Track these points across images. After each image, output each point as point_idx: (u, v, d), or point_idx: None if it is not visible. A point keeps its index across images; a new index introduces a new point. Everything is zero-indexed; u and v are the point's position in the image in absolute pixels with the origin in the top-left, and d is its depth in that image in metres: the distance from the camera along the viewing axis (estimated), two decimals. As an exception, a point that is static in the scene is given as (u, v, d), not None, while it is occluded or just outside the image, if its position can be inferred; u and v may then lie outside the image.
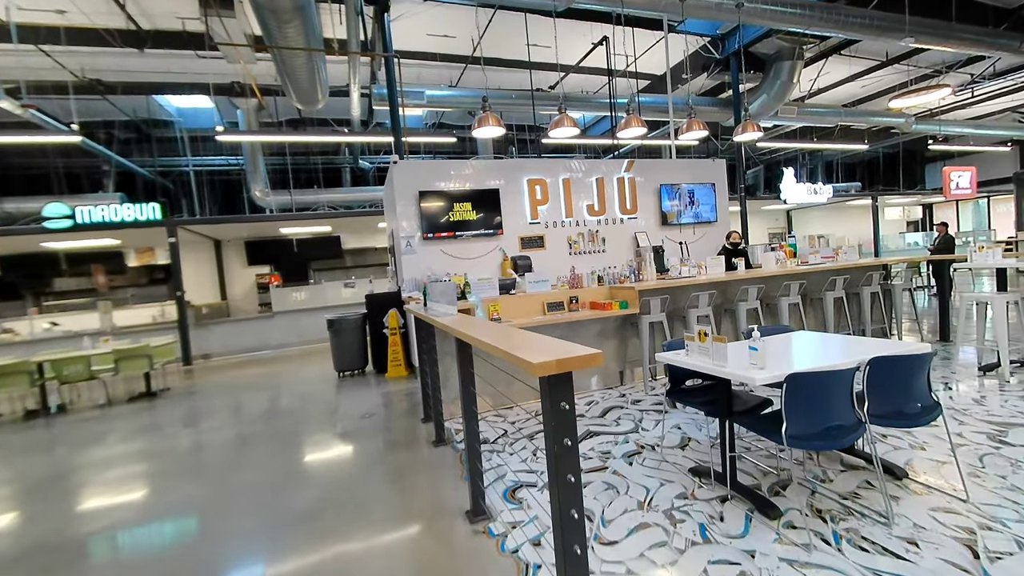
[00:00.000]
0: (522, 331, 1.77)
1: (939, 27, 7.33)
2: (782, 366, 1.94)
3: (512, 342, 1.51)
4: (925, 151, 17.00)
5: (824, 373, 1.78)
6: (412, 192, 5.71)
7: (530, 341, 1.53)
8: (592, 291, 4.12)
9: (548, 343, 1.45)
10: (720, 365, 2.00)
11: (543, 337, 1.55)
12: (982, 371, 3.79)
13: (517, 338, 1.62)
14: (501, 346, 1.42)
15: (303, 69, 6.46)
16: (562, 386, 1.19)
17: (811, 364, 1.93)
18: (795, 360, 2.07)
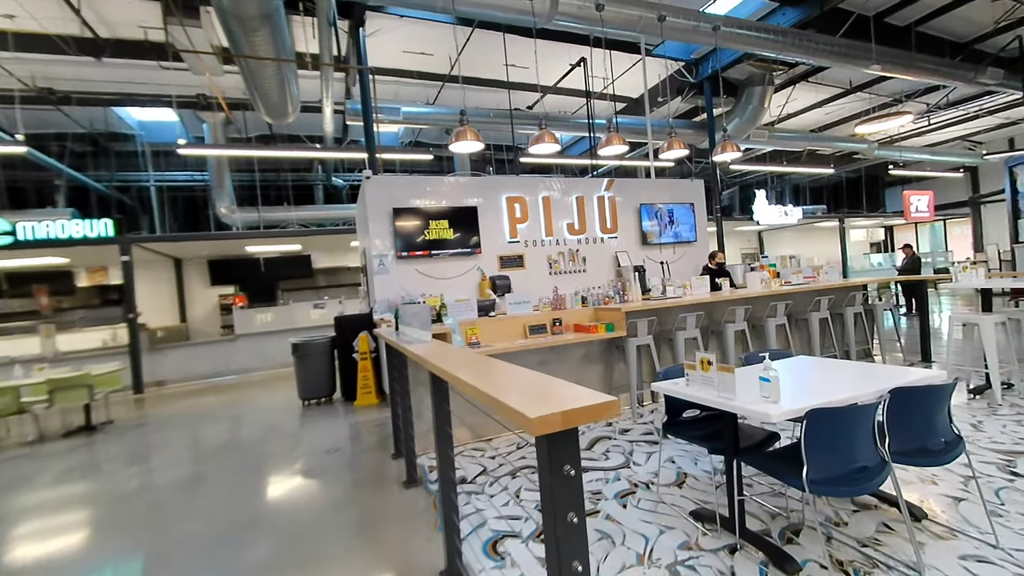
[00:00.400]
0: (508, 366, 1.51)
1: (902, 56, 7.62)
2: (797, 399, 1.74)
3: (499, 382, 1.26)
4: (886, 176, 17.75)
5: (847, 409, 1.59)
6: (385, 209, 5.46)
7: (520, 380, 1.28)
8: (576, 312, 3.91)
9: (544, 384, 1.20)
10: (727, 398, 1.79)
11: (535, 375, 1.30)
12: (972, 394, 3.71)
13: (503, 375, 1.37)
14: (486, 389, 1.16)
15: (272, 81, 6.18)
16: (566, 445, 0.94)
17: (827, 396, 1.74)
18: (809, 391, 1.87)
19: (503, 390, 1.15)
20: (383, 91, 9.65)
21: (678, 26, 5.99)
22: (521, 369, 1.41)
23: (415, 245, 5.52)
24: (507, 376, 1.34)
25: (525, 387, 1.20)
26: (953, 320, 3.75)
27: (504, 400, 1.03)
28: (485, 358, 1.66)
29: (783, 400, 1.70)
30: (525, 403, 0.99)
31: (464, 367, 1.54)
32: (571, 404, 0.93)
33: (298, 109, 7.44)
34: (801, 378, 2.08)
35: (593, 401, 0.94)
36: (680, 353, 3.92)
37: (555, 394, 1.06)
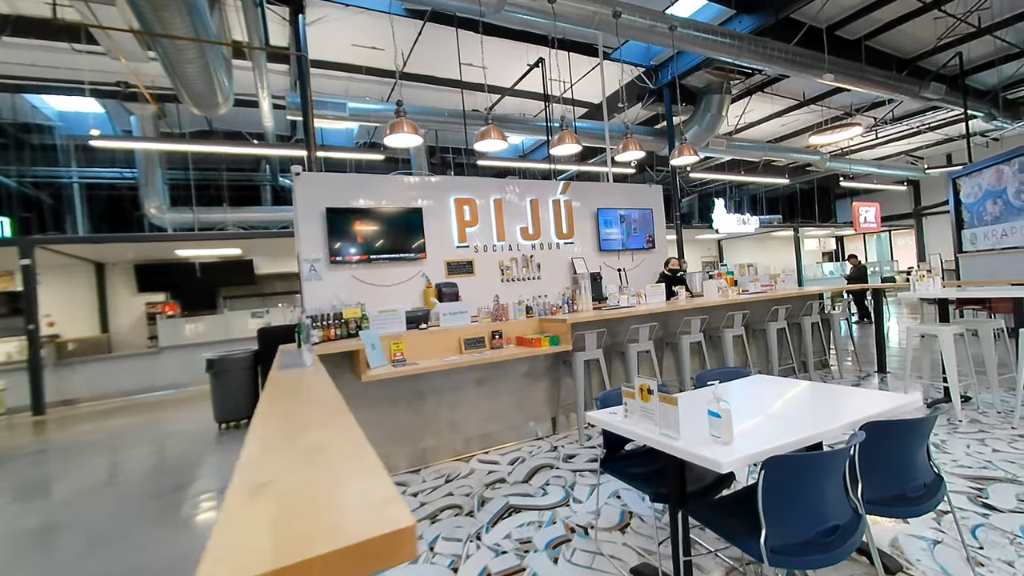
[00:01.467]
0: (331, 421, 1.09)
1: (853, 68, 7.71)
2: (754, 438, 1.40)
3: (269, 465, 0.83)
4: (837, 187, 18.38)
5: (814, 456, 1.25)
6: (318, 210, 4.95)
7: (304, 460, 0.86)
8: (519, 324, 3.53)
9: (331, 480, 0.77)
10: (670, 437, 1.43)
11: (357, 441, 0.88)
12: (930, 408, 3.55)
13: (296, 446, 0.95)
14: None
15: (194, 67, 5.57)
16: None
17: (790, 433, 1.40)
18: (768, 426, 1.54)
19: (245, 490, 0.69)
20: (333, 87, 9.10)
21: (635, 24, 5.78)
22: (350, 428, 0.99)
23: (351, 249, 5.03)
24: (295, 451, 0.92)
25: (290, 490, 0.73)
26: (911, 332, 3.58)
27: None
28: (292, 410, 1.24)
29: (737, 440, 1.35)
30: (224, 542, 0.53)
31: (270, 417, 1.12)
32: (314, 547, 0.48)
33: (231, 101, 6.81)
34: (758, 407, 1.75)
35: (357, 538, 0.49)
36: (633, 368, 3.61)
37: (321, 515, 0.60)
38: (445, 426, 3.23)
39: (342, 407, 1.10)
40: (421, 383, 3.15)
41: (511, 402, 3.46)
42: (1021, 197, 6.46)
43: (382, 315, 3.14)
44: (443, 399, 3.22)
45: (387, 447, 3.04)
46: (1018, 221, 6.52)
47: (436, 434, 3.19)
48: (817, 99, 11.09)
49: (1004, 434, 2.97)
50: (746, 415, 1.64)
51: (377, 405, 3.01)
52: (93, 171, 10.02)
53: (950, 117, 11.71)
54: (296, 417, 1.11)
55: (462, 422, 3.27)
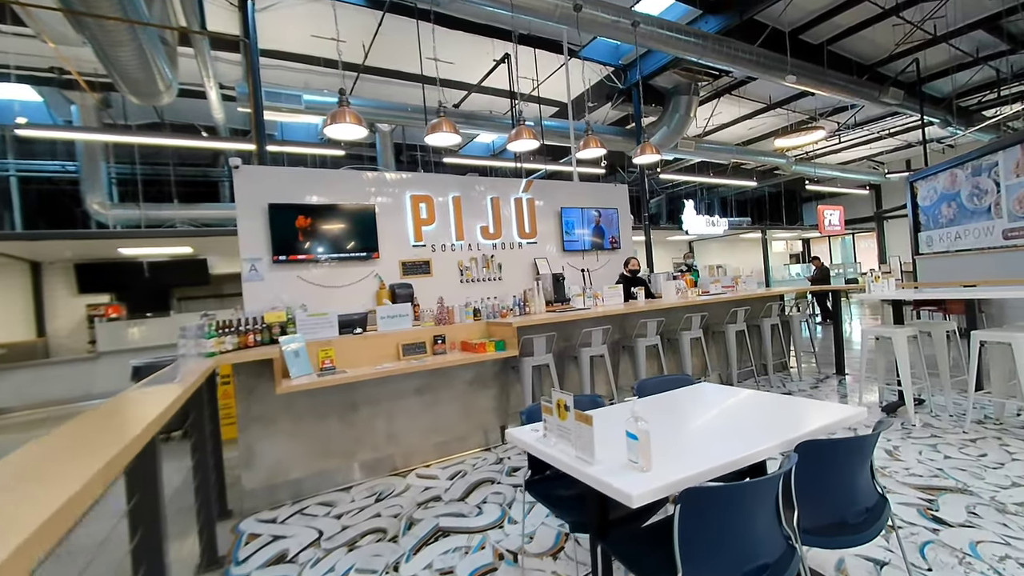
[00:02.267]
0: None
1: (815, 71, 7.78)
2: (676, 461, 1.22)
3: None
4: (803, 191, 18.78)
5: (737, 487, 1.08)
6: (260, 205, 4.64)
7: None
8: (465, 328, 3.32)
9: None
10: (583, 461, 1.24)
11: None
12: (885, 412, 3.49)
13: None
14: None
15: (126, 49, 5.17)
16: None
17: (719, 455, 1.23)
18: (696, 447, 1.36)
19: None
20: (293, 79, 8.73)
21: (597, 19, 5.64)
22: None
23: (297, 248, 4.73)
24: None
25: None
26: (866, 334, 3.52)
27: None
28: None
29: (656, 465, 1.17)
30: None
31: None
32: None
33: (174, 90, 6.40)
34: (692, 424, 1.58)
35: None
36: (586, 373, 3.44)
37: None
38: (382, 439, 3.00)
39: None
40: (355, 393, 2.91)
41: (455, 411, 3.25)
42: (974, 200, 6.60)
43: (311, 319, 2.88)
44: (379, 409, 2.99)
45: (314, 463, 2.79)
46: (971, 224, 6.66)
47: (372, 448, 2.95)
48: (783, 103, 11.24)
49: (956, 439, 2.91)
50: (676, 434, 1.47)
51: (303, 418, 2.76)
52: (30, 163, 9.35)
53: (909, 123, 12.04)
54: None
55: (401, 434, 3.04)
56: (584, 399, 1.91)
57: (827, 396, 4.06)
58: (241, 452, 2.59)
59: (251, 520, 2.50)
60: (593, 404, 1.89)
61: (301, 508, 2.58)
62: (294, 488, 2.73)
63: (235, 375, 2.57)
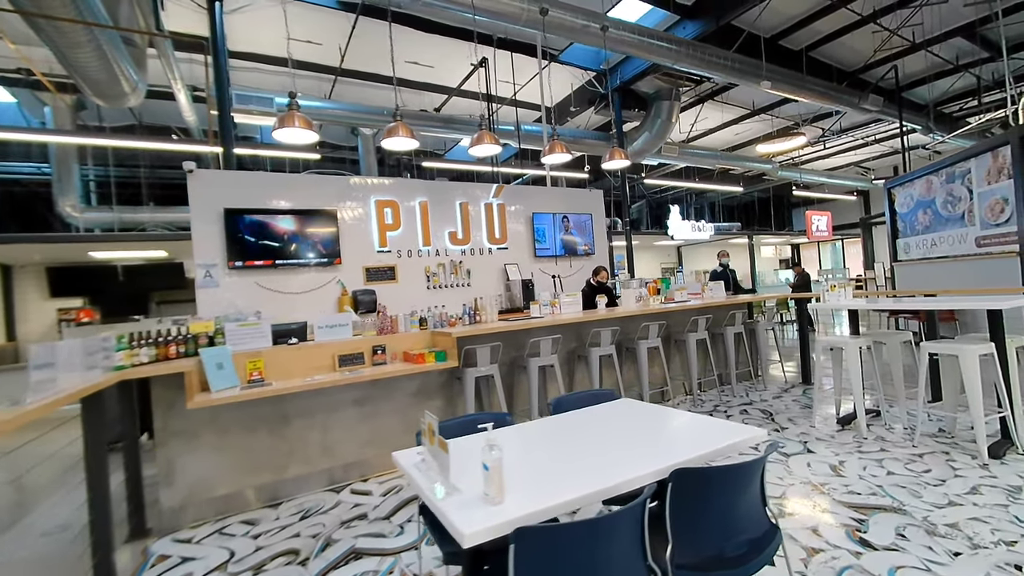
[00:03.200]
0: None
1: (792, 77, 7.75)
2: (536, 492, 1.14)
3: None
4: (792, 196, 18.80)
5: (576, 524, 1.00)
6: (215, 210, 4.57)
7: None
8: (408, 338, 3.24)
9: None
10: (430, 492, 1.16)
11: None
12: (840, 424, 3.42)
13: None
14: None
15: (86, 52, 5.09)
16: None
17: (585, 484, 1.16)
18: (563, 477, 1.29)
19: None
20: (272, 82, 8.66)
21: (565, 23, 5.59)
22: None
23: (254, 253, 4.66)
24: None
25: None
26: (820, 344, 3.46)
27: None
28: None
29: (509, 498, 1.09)
30: None
31: None
32: None
33: (141, 92, 6.31)
34: (576, 448, 1.50)
35: None
36: (534, 385, 3.36)
37: None
38: (316, 452, 2.91)
39: None
40: (287, 405, 2.82)
41: (397, 424, 3.16)
42: (948, 208, 6.56)
43: (242, 329, 2.79)
44: (313, 422, 2.90)
45: (241, 479, 2.69)
46: (945, 231, 6.62)
47: (305, 462, 2.86)
48: (767, 109, 11.23)
49: (903, 454, 2.84)
50: (555, 459, 1.39)
51: (230, 431, 2.67)
52: (4, 166, 9.24)
53: (894, 130, 12.05)
54: None
55: (337, 447, 2.95)
56: (495, 416, 1.83)
57: (787, 407, 3.99)
58: (160, 468, 2.50)
59: (166, 540, 2.40)
60: (503, 422, 1.81)
61: (222, 527, 2.49)
62: (220, 505, 2.64)
63: (153, 388, 2.48)
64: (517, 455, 1.44)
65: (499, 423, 1.82)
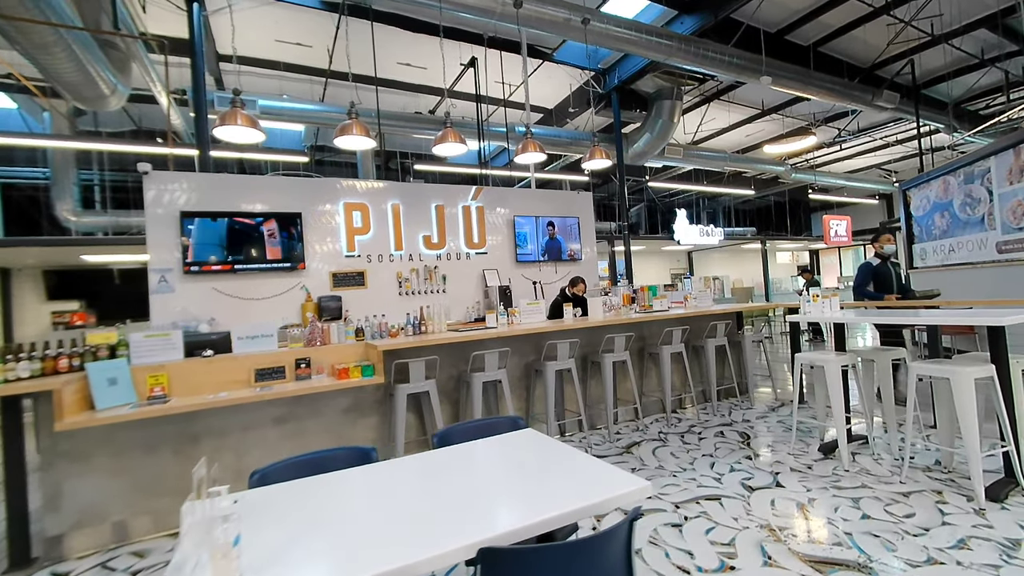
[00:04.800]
0: None
1: (796, 72, 7.32)
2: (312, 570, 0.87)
3: None
4: (808, 200, 18.09)
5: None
6: (171, 213, 4.43)
7: None
8: (340, 350, 2.99)
9: None
10: (176, 568, 0.90)
11: None
12: (822, 452, 3.04)
13: None
14: None
15: (56, 56, 5.04)
16: None
17: (383, 560, 0.88)
18: (341, 551, 1.01)
19: None
20: (267, 86, 8.62)
21: (544, 17, 5.32)
22: None
23: (211, 258, 4.50)
24: None
25: None
26: (799, 361, 3.08)
27: None
28: None
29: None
30: None
31: None
32: None
33: (122, 95, 6.28)
34: (397, 503, 1.22)
35: None
36: (477, 402, 3.07)
37: None
38: (230, 475, 2.68)
39: None
40: (196, 423, 2.60)
41: (328, 443, 2.92)
42: (966, 210, 6.04)
43: (149, 340, 2.59)
44: (226, 442, 2.67)
45: (141, 504, 2.48)
46: (964, 236, 6.09)
47: (214, 484, 2.63)
48: (777, 109, 10.76)
49: (887, 492, 2.46)
50: (361, 522, 1.11)
51: (127, 452, 2.46)
52: (5, 170, 9.42)
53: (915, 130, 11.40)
54: None
55: (252, 468, 2.71)
56: (353, 451, 1.57)
57: (770, 429, 3.61)
58: (45, 493, 2.30)
59: (45, 572, 2.19)
60: (368, 458, 1.55)
61: (108, 558, 2.27)
62: (116, 532, 2.43)
63: (38, 406, 2.29)
64: (331, 508, 1.18)
65: (361, 458, 1.55)
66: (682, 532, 2.16)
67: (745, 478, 2.71)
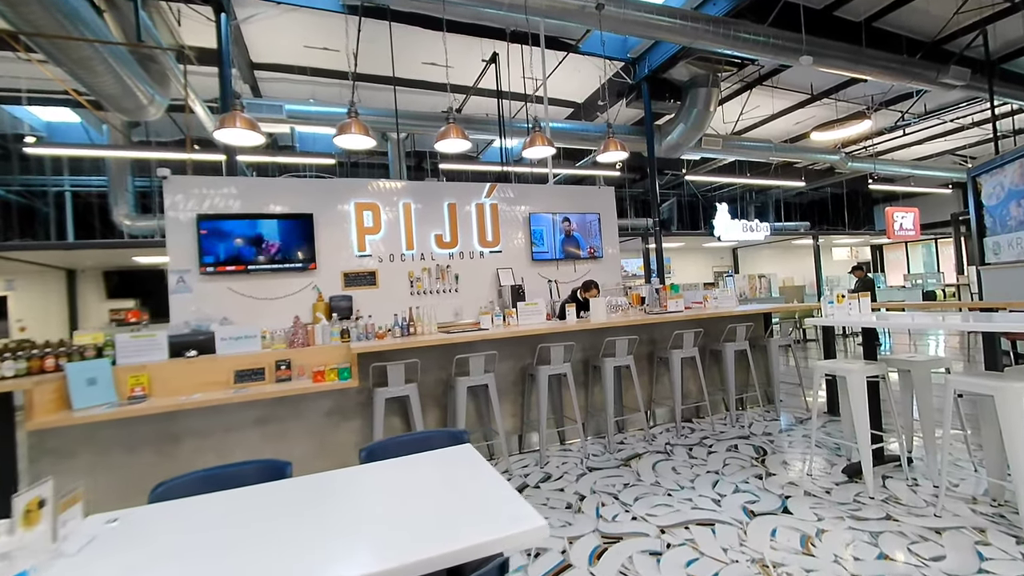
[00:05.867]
0: None
1: (845, 50, 6.66)
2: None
3: None
4: (869, 191, 16.67)
5: None
6: (189, 216, 4.59)
7: None
8: (324, 351, 2.94)
9: None
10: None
11: None
12: (847, 475, 2.67)
13: None
14: None
15: (92, 66, 5.37)
16: None
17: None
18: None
19: None
20: (299, 91, 8.92)
21: (556, 5, 5.10)
22: None
23: (227, 259, 4.63)
24: None
25: None
26: (817, 370, 2.72)
27: None
28: None
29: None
30: None
31: None
32: None
33: (160, 105, 6.64)
34: (239, 537, 1.09)
35: None
36: (461, 409, 2.93)
37: None
38: (210, 474, 2.68)
39: None
40: (177, 424, 2.63)
41: (309, 446, 2.88)
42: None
43: (135, 341, 2.65)
44: (207, 443, 2.68)
45: (123, 503, 2.52)
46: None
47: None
48: (828, 93, 9.96)
49: (916, 526, 2.10)
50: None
51: (110, 451, 2.51)
52: (78, 179, 10.26)
53: (997, 108, 10.17)
54: None
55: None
56: (264, 464, 1.47)
57: (792, 444, 3.24)
58: (31, 485, 2.38)
59: (27, 562, 2.27)
60: (280, 473, 1.45)
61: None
62: (100, 525, 2.48)
63: (26, 404, 2.37)
64: (203, 533, 1.08)
65: (274, 473, 1.45)
66: (660, 562, 1.93)
67: (749, 501, 2.41)
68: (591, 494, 2.59)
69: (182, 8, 6.56)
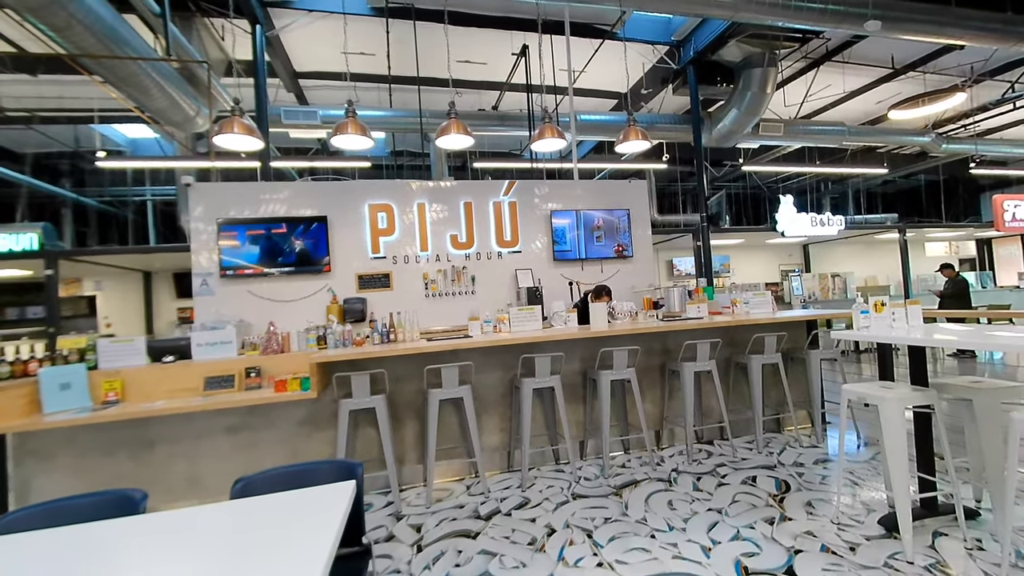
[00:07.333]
0: None
1: (926, 11, 5.71)
2: None
3: None
4: (971, 177, 14.46)
5: None
6: (211, 221, 4.78)
7: None
8: (296, 359, 2.85)
9: None
10: None
11: None
12: (883, 526, 2.15)
13: None
14: None
15: (140, 81, 5.75)
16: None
17: None
18: None
19: None
20: (341, 97, 9.17)
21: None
22: None
23: (244, 262, 4.77)
24: None
25: None
26: (845, 393, 2.21)
27: None
28: None
29: None
30: None
31: None
32: None
33: (207, 117, 7.06)
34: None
35: None
36: (432, 423, 2.72)
37: None
38: (181, 483, 2.69)
39: None
40: (150, 429, 2.65)
41: (283, 454, 2.81)
42: None
43: (115, 346, 2.69)
44: (178, 449, 2.68)
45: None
46: None
47: (169, 492, 2.66)
48: (915, 65, 8.74)
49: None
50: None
51: (88, 454, 2.57)
52: (155, 189, 11.30)
53: None
54: None
55: (206, 479, 2.70)
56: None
57: (826, 479, 2.71)
58: (16, 488, 2.49)
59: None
60: (132, 506, 1.31)
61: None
62: (79, 525, 2.55)
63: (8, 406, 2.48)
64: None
65: (128, 506, 1.31)
66: (610, 628, 1.61)
67: (746, 553, 2.00)
68: (563, 528, 2.29)
69: (225, 24, 6.88)
